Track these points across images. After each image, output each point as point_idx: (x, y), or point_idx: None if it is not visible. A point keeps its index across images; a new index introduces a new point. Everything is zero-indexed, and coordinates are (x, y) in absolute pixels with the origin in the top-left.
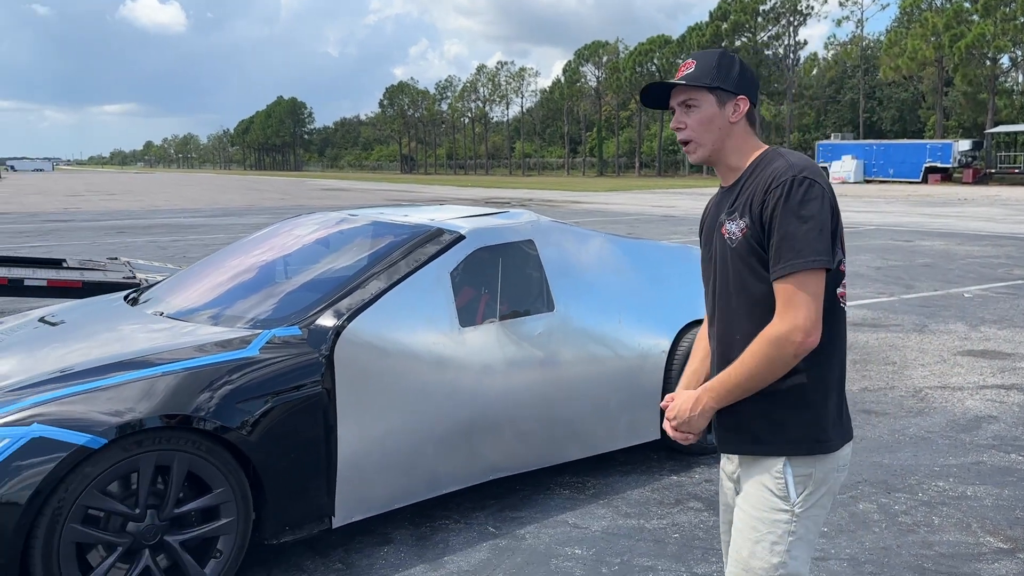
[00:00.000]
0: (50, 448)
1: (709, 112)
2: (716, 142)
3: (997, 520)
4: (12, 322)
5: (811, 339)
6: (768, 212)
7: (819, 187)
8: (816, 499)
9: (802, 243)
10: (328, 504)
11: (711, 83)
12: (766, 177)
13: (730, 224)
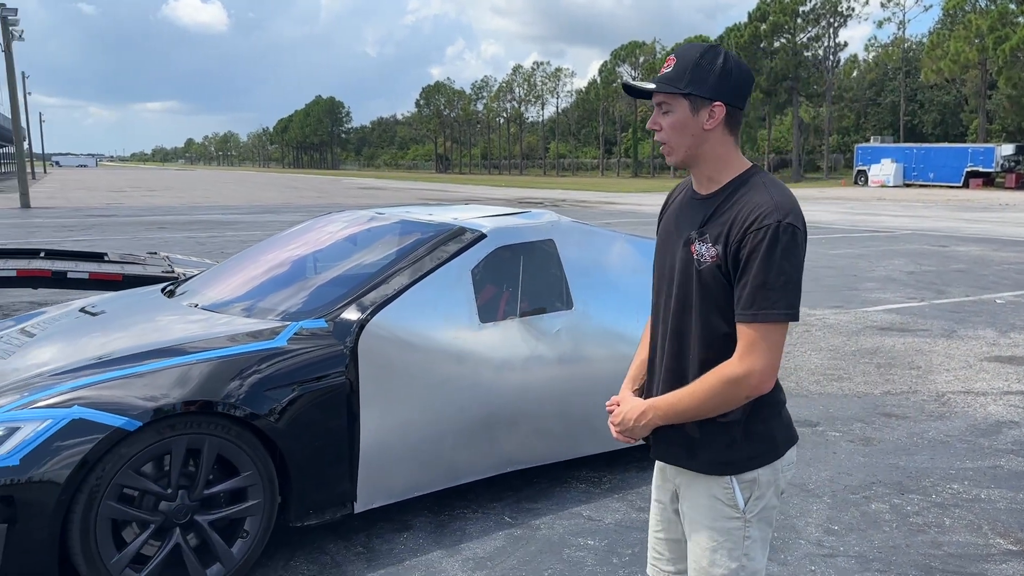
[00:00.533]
0: (89, 429)
1: (682, 117)
2: (690, 148)
3: (1009, 523)
4: (54, 312)
5: (766, 386)
6: (746, 252)
7: (801, 234)
8: (765, 501)
9: (778, 295)
10: (350, 490)
11: (683, 88)
12: (748, 211)
13: (700, 245)
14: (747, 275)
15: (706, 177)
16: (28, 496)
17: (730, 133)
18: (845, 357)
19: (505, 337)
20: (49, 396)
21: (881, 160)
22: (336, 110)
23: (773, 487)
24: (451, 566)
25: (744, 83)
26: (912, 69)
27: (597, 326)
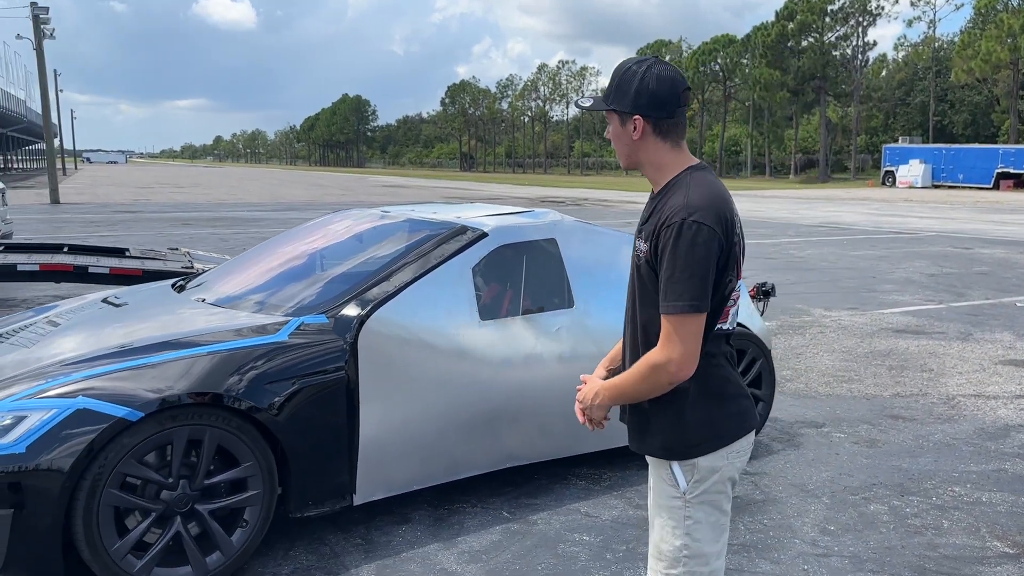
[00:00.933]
0: (92, 419)
1: (615, 130)
2: (628, 156)
3: (1008, 526)
4: (78, 302)
5: (684, 372)
6: (660, 248)
7: (706, 229)
8: (708, 486)
9: (682, 288)
10: (350, 483)
11: (609, 105)
12: (667, 210)
13: (639, 242)
14: (661, 270)
15: (651, 180)
16: (33, 483)
17: (663, 140)
18: (857, 359)
19: (506, 335)
20: (57, 386)
21: (909, 161)
22: (362, 108)
23: (718, 474)
24: (446, 559)
25: (662, 94)
26: (943, 69)
27: (597, 325)
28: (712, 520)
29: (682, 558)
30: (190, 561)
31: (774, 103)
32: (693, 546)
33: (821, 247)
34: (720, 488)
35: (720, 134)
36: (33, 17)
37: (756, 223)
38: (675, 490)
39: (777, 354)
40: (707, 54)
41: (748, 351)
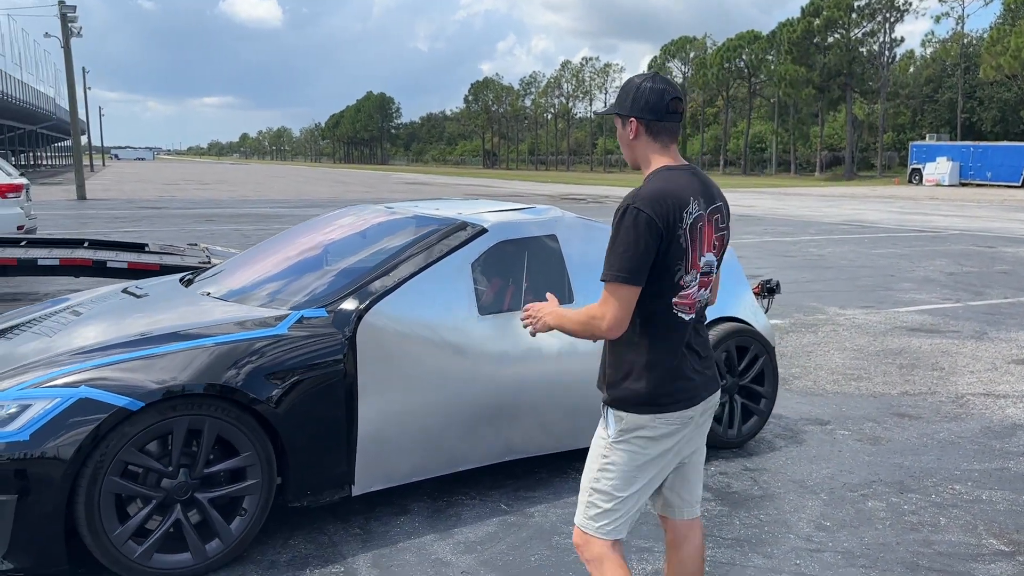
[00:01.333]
0: (94, 409)
1: (619, 131)
2: (628, 154)
3: (1005, 524)
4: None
5: (612, 331)
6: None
7: (644, 216)
8: (628, 438)
9: (616, 261)
10: (348, 473)
11: (613, 110)
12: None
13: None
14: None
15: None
16: (37, 470)
17: (654, 140)
18: (868, 357)
19: (505, 329)
20: (62, 375)
21: (936, 158)
22: (386, 106)
23: (641, 432)
24: (442, 549)
25: (654, 101)
26: (971, 65)
27: None
28: (624, 469)
29: (590, 489)
30: (190, 548)
31: (800, 100)
32: (601, 484)
33: (841, 245)
34: (640, 446)
35: (745, 131)
36: (61, 16)
37: (776, 221)
38: (604, 432)
39: (787, 351)
40: (732, 50)
41: (751, 348)
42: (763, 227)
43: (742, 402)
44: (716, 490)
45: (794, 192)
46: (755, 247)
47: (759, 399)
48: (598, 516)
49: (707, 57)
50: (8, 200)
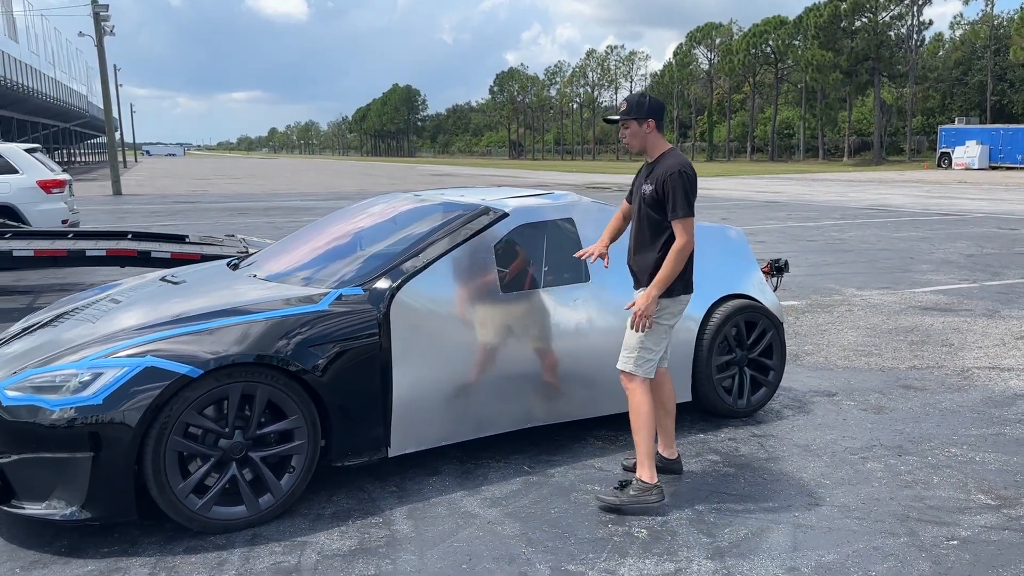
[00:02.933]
0: (159, 376)
1: (634, 130)
2: (640, 144)
3: (994, 482)
4: (137, 281)
5: (690, 248)
6: (665, 188)
7: (692, 174)
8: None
9: (681, 204)
10: (384, 437)
11: (632, 116)
12: (666, 168)
13: (646, 186)
14: (668, 199)
15: (649, 156)
16: (109, 431)
17: (660, 133)
18: (880, 335)
19: (526, 306)
20: (127, 348)
21: (966, 142)
22: (413, 98)
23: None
24: (470, 503)
25: (659, 107)
26: (1002, 47)
27: (611, 298)
28: (659, 332)
29: (637, 347)
30: (244, 501)
31: (827, 85)
32: (646, 342)
33: (863, 229)
34: (666, 319)
35: (772, 117)
36: (94, 15)
37: (801, 206)
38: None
39: (802, 330)
40: (758, 36)
41: (759, 323)
42: (787, 212)
43: (751, 374)
44: (725, 454)
45: (821, 178)
46: (778, 232)
47: (768, 371)
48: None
49: (733, 43)
50: (53, 195)
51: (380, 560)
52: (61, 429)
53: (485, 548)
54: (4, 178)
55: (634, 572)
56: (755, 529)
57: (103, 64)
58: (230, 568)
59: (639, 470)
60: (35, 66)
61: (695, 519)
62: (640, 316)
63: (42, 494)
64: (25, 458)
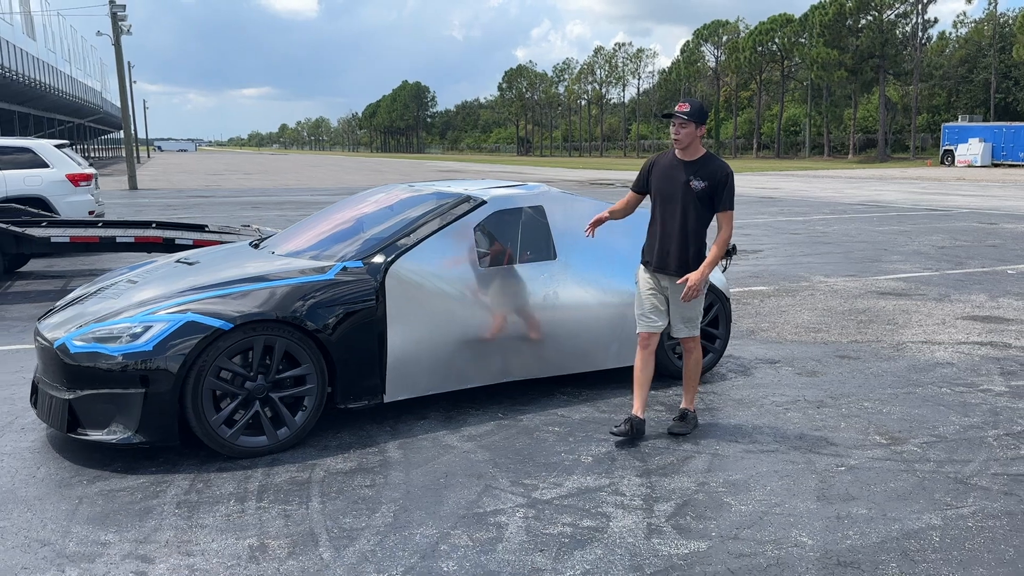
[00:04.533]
0: (197, 329)
1: (691, 131)
2: (688, 142)
3: (891, 427)
4: (153, 265)
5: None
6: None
7: (733, 176)
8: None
9: (731, 200)
10: (380, 386)
11: (694, 119)
12: (717, 167)
13: (696, 181)
14: (719, 194)
15: (691, 154)
16: (157, 372)
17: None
18: (833, 315)
19: (502, 279)
20: (171, 307)
21: (968, 139)
22: (422, 95)
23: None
24: (451, 439)
25: (707, 116)
26: (1006, 45)
27: (575, 273)
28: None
29: (695, 318)
30: (265, 433)
31: (832, 83)
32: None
33: (848, 223)
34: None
35: (778, 114)
36: (112, 15)
37: (794, 202)
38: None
39: (764, 311)
40: (764, 34)
41: (706, 298)
42: (779, 208)
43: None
44: (669, 406)
45: (823, 174)
46: (765, 226)
47: (714, 340)
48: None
49: (739, 41)
50: (81, 188)
51: (375, 476)
52: (118, 371)
53: (459, 469)
54: (36, 172)
55: (576, 484)
56: (680, 457)
57: (120, 63)
58: (254, 482)
59: (692, 404)
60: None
61: (633, 451)
62: (693, 290)
63: (103, 423)
64: (89, 394)
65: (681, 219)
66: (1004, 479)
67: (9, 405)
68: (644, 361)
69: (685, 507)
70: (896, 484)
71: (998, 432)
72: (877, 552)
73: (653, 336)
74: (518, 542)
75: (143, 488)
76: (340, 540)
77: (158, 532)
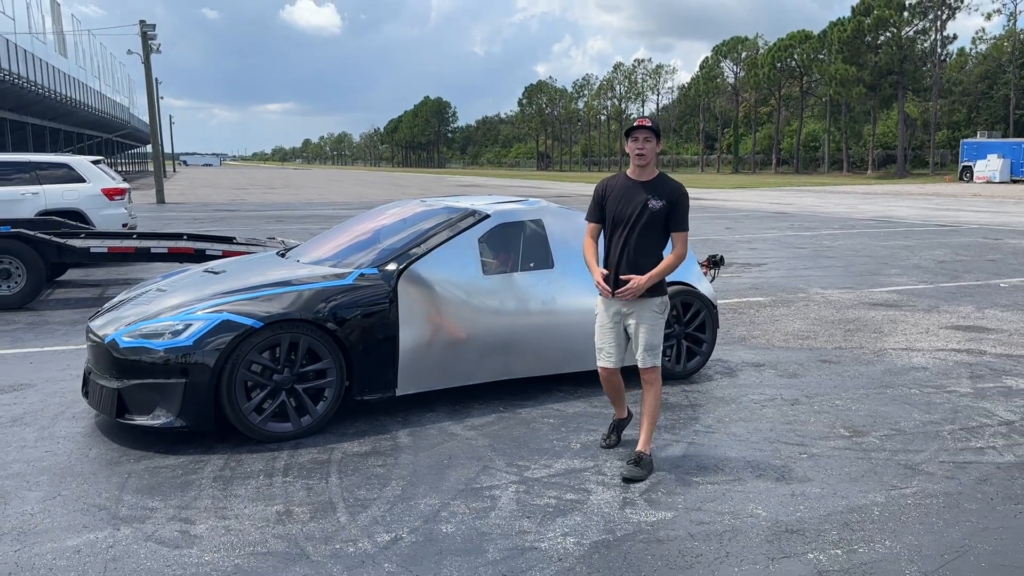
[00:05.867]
0: (232, 327)
1: (652, 146)
2: (650, 160)
3: (856, 421)
4: (181, 275)
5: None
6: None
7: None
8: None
9: (683, 220)
10: (393, 380)
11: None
12: (672, 186)
13: (653, 201)
14: (675, 212)
15: (646, 172)
16: (196, 364)
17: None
18: (823, 324)
19: (503, 286)
20: (209, 307)
21: (987, 155)
22: (443, 110)
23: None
24: (455, 428)
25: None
26: None
27: (571, 281)
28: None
29: (658, 345)
30: (290, 420)
31: (851, 99)
32: (659, 339)
33: (855, 238)
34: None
35: (798, 130)
36: (141, 34)
37: (807, 217)
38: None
39: (758, 320)
40: (783, 50)
41: (694, 304)
42: (790, 223)
43: (687, 345)
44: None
45: (839, 190)
46: (773, 240)
47: (701, 344)
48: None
49: (759, 57)
50: (115, 202)
51: (386, 458)
52: (162, 364)
53: (461, 453)
54: (73, 186)
55: (563, 465)
56: (659, 445)
57: (149, 81)
58: (280, 461)
59: (648, 447)
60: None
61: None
62: (635, 289)
63: (147, 409)
64: (136, 384)
65: (640, 240)
66: (949, 466)
67: (60, 397)
68: (608, 379)
69: (658, 485)
70: (850, 469)
71: (954, 427)
72: (822, 523)
73: (613, 371)
74: (508, 511)
75: (183, 466)
76: (355, 507)
77: (198, 500)
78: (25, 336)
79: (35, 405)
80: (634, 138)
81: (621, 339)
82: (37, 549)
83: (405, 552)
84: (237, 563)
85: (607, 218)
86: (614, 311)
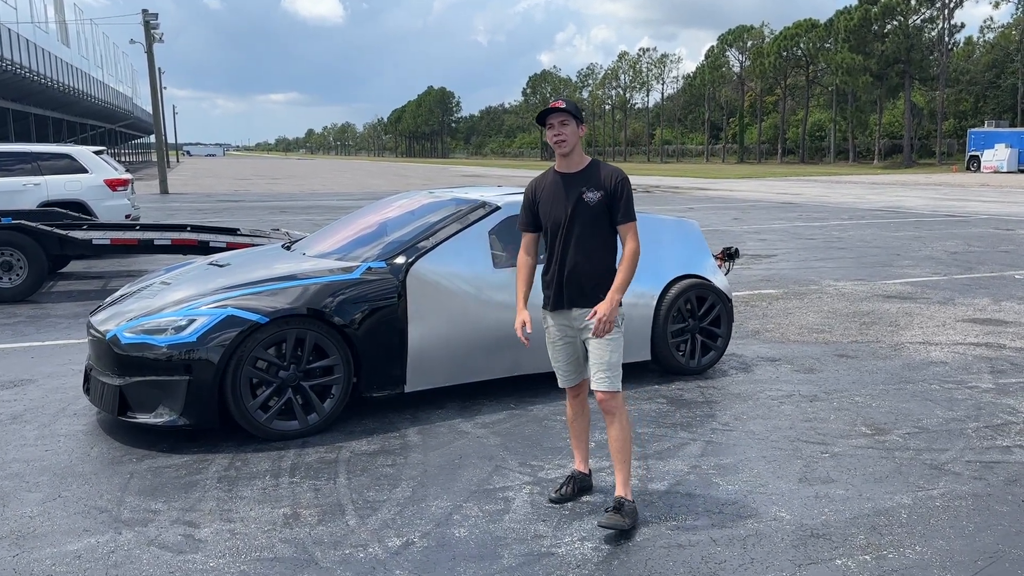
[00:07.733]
0: (236, 322)
1: (572, 129)
2: (573, 145)
3: (877, 419)
4: (185, 268)
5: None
6: (616, 192)
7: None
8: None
9: (630, 209)
10: (402, 377)
11: (574, 115)
12: (609, 173)
13: (590, 194)
14: (616, 203)
15: (574, 160)
16: (200, 361)
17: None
18: (838, 317)
19: (513, 279)
20: (213, 302)
21: (995, 145)
22: (447, 100)
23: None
24: (466, 426)
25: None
26: None
27: None
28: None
29: (616, 364)
30: (297, 418)
31: (857, 88)
32: (617, 356)
33: (865, 229)
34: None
35: (804, 119)
36: (144, 23)
37: (815, 207)
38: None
39: (771, 313)
40: (789, 39)
41: (708, 298)
42: (798, 213)
43: (702, 340)
44: (670, 398)
45: (846, 180)
46: (782, 231)
47: (716, 338)
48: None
49: (764, 46)
50: (118, 193)
51: (396, 457)
52: (165, 360)
53: (472, 452)
54: (76, 177)
55: None
56: (676, 444)
57: (152, 70)
58: (287, 460)
59: (627, 491)
60: (85, 70)
61: (632, 438)
62: (605, 322)
63: (150, 407)
64: (138, 381)
65: (581, 242)
66: (976, 465)
67: (61, 394)
68: (576, 410)
69: (677, 486)
70: (874, 469)
71: (978, 424)
72: (848, 526)
73: (579, 386)
74: (523, 514)
75: (187, 465)
76: (364, 510)
77: (202, 502)
78: (27, 330)
79: (36, 402)
80: (549, 124)
81: (578, 355)
82: (36, 554)
83: (417, 558)
84: (243, 569)
85: (543, 223)
86: (563, 323)
